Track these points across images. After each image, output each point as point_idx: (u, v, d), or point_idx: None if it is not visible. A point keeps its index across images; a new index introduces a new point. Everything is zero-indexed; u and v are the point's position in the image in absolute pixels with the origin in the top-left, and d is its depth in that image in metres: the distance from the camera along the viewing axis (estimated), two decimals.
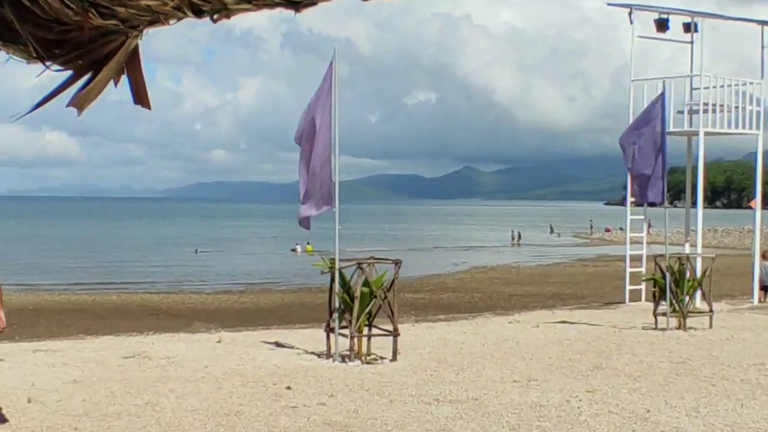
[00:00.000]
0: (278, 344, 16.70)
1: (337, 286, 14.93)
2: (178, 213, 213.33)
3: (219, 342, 17.17)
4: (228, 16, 3.89)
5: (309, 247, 69.53)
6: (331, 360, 14.80)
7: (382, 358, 14.90)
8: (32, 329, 24.03)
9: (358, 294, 14.61)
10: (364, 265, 14.85)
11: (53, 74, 4.64)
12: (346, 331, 14.84)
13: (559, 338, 17.78)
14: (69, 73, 4.29)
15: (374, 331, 15.23)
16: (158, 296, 38.07)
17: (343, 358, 14.73)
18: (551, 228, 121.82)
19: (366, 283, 14.74)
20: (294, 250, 71.85)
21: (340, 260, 15.03)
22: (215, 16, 3.87)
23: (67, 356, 15.34)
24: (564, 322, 20.61)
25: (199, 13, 3.82)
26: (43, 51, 4.08)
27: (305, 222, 15.25)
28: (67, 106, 4.26)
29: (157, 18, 3.88)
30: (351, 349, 14.75)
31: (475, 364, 14.53)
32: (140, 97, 4.39)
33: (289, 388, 12.45)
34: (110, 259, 64.45)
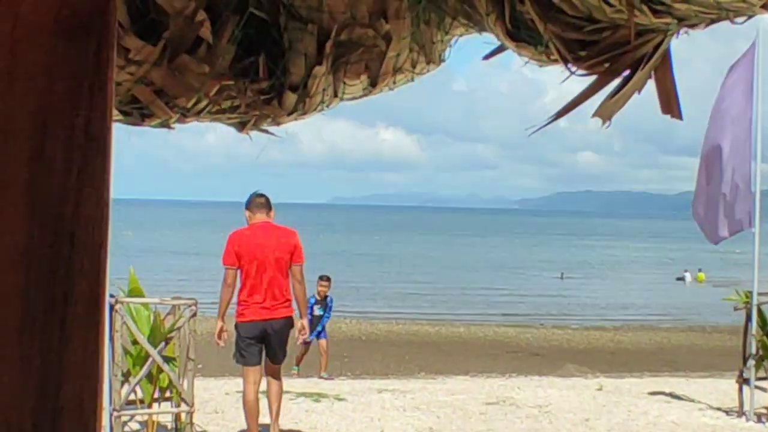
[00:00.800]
0: (673, 395, 16.60)
1: (753, 327, 14.63)
2: (537, 229, 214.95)
3: (599, 389, 17.25)
4: None
5: (701, 275, 68.40)
6: (743, 419, 14.55)
7: None
8: (366, 363, 25.02)
9: None
10: None
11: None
12: (764, 384, 14.53)
13: None
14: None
15: None
16: (514, 330, 38.45)
17: (759, 417, 14.45)
18: None
19: None
20: (681, 278, 70.73)
21: (760, 294, 14.73)
22: None
23: (418, 399, 15.88)
24: None
25: None
26: (567, 53, 4.21)
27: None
28: (593, 116, 4.38)
29: (725, 15, 3.85)
30: None
31: None
32: (670, 106, 4.45)
33: None
34: (454, 283, 65.73)
